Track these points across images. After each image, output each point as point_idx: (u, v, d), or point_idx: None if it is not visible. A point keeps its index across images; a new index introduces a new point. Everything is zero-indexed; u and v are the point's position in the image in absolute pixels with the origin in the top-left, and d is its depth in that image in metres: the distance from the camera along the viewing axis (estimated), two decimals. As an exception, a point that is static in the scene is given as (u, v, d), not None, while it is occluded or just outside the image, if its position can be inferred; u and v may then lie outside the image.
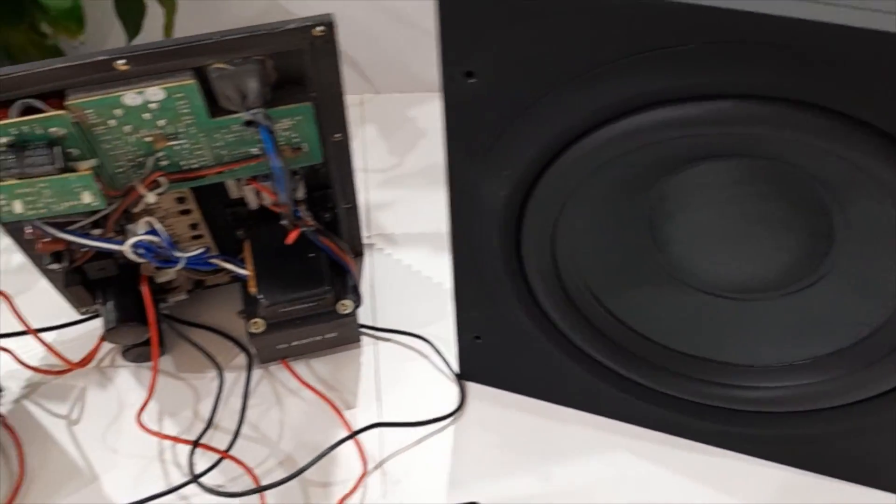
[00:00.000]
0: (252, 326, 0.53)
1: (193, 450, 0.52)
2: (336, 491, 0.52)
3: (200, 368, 0.58)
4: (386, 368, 0.58)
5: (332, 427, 0.55)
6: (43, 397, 0.57)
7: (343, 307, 0.54)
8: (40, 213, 0.44)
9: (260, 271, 0.52)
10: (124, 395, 0.57)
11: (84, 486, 0.53)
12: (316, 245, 0.53)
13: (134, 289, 0.54)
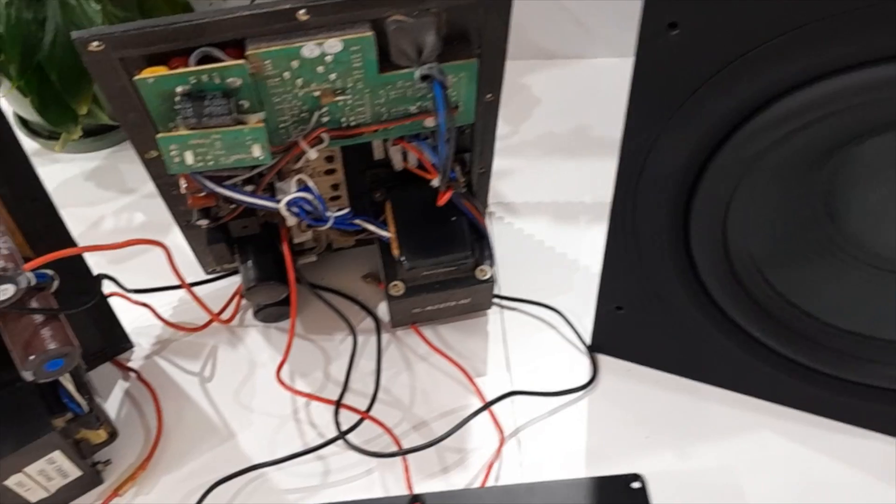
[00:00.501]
0: (392, 289, 0.52)
1: (338, 409, 0.52)
2: (472, 458, 0.51)
3: (329, 331, 0.58)
4: (514, 338, 0.57)
5: (463, 393, 0.54)
6: (174, 354, 0.57)
7: (482, 273, 0.53)
8: (208, 165, 0.44)
9: (402, 233, 0.52)
10: (255, 355, 0.57)
11: (221, 442, 0.53)
12: (458, 208, 0.52)
13: (272, 248, 0.54)
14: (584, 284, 0.60)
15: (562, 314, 0.58)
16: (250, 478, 0.51)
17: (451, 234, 0.52)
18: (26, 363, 0.40)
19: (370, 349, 0.57)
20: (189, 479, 0.51)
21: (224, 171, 0.46)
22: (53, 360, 0.41)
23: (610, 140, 0.71)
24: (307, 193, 0.48)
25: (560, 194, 0.67)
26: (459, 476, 0.50)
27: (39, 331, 0.40)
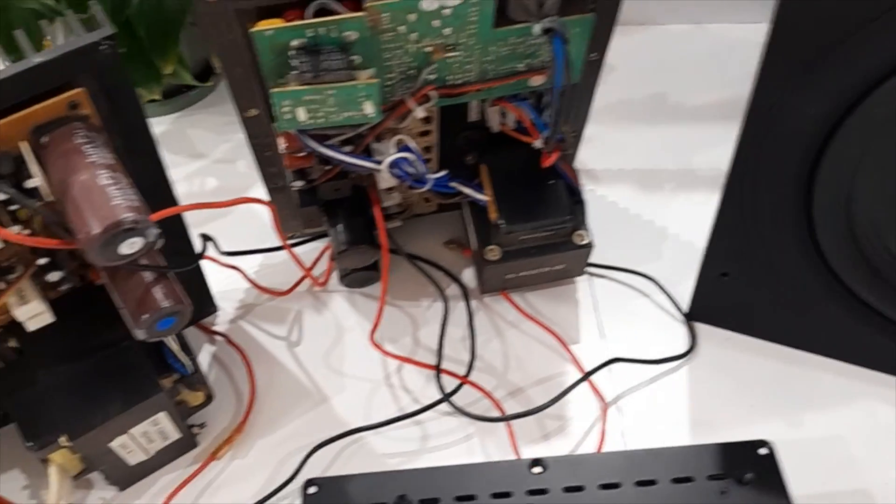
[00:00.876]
0: (488, 253, 0.51)
1: (439, 373, 0.51)
2: (572, 425, 0.51)
3: (414, 297, 0.57)
4: (605, 305, 0.56)
5: (558, 361, 0.54)
6: (259, 319, 0.57)
7: (579, 238, 0.52)
8: (318, 122, 0.43)
9: (499, 197, 0.51)
10: (341, 320, 0.56)
11: (314, 407, 0.52)
12: (555, 171, 0.51)
13: (362, 212, 0.53)
14: (674, 253, 0.59)
15: (656, 282, 0.56)
16: (347, 442, 0.50)
17: (549, 197, 0.51)
18: (140, 322, 0.39)
19: (457, 316, 0.56)
20: (284, 444, 0.50)
21: (329, 129, 0.45)
22: (166, 318, 0.40)
23: (686, 107, 0.69)
24: (410, 154, 0.47)
25: (642, 161, 0.66)
26: (561, 443, 0.50)
27: (151, 289, 0.39)
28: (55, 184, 0.34)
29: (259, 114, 0.46)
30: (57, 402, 0.42)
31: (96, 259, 0.34)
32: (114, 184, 0.34)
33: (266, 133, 0.48)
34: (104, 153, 0.35)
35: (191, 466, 0.50)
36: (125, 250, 0.34)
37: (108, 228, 0.33)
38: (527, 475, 0.40)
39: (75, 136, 0.35)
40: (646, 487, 0.40)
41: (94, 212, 0.33)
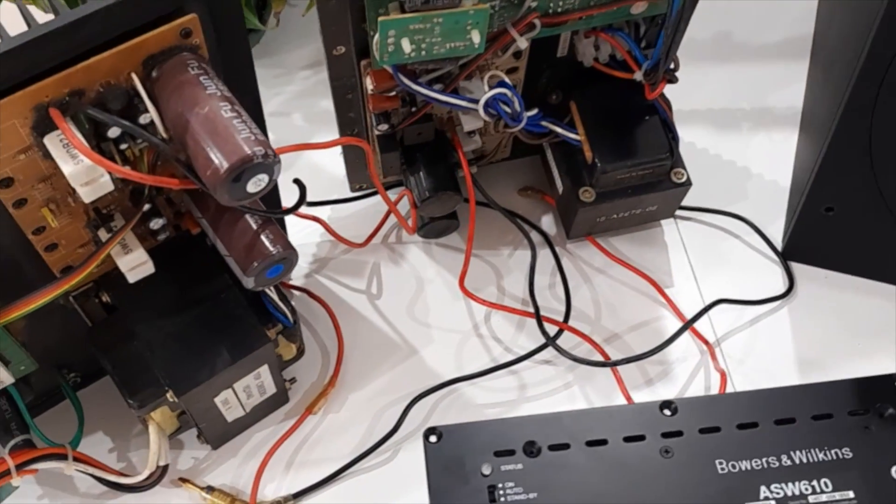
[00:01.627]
0: (583, 195, 0.49)
1: (539, 319, 0.49)
2: (676, 369, 0.49)
3: (493, 245, 0.55)
4: (695, 248, 0.54)
5: (652, 305, 0.52)
6: (335, 272, 0.55)
7: (678, 176, 0.50)
8: (421, 55, 0.40)
9: (593, 136, 0.49)
10: (420, 271, 0.54)
11: (404, 359, 0.50)
12: (652, 107, 0.49)
13: (442, 157, 0.51)
14: (759, 193, 0.57)
15: (749, 222, 0.55)
16: (443, 394, 0.49)
17: (645, 134, 0.49)
18: (250, 269, 0.37)
19: (540, 263, 0.54)
20: (377, 397, 0.49)
21: (428, 64, 0.42)
22: (275, 266, 0.38)
23: (753, 46, 0.67)
24: (507, 90, 0.45)
25: (714, 101, 0.63)
26: (666, 388, 0.48)
27: (260, 235, 0.37)
28: (171, 119, 0.32)
29: (346, 52, 0.44)
30: (159, 357, 0.40)
31: (222, 198, 0.32)
32: (237, 117, 0.32)
33: (350, 73, 0.46)
34: (220, 85, 0.32)
35: (283, 422, 0.48)
36: (252, 188, 0.32)
37: (236, 164, 0.31)
38: (659, 417, 0.39)
39: (189, 66, 0.32)
40: (785, 426, 0.38)
41: (221, 147, 0.31)
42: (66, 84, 0.30)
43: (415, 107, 0.48)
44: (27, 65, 0.29)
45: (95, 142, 0.32)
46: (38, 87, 0.30)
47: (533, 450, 0.38)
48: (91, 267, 0.35)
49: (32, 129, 0.31)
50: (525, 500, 0.37)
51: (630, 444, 0.38)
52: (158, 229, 0.38)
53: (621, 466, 0.38)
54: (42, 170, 0.33)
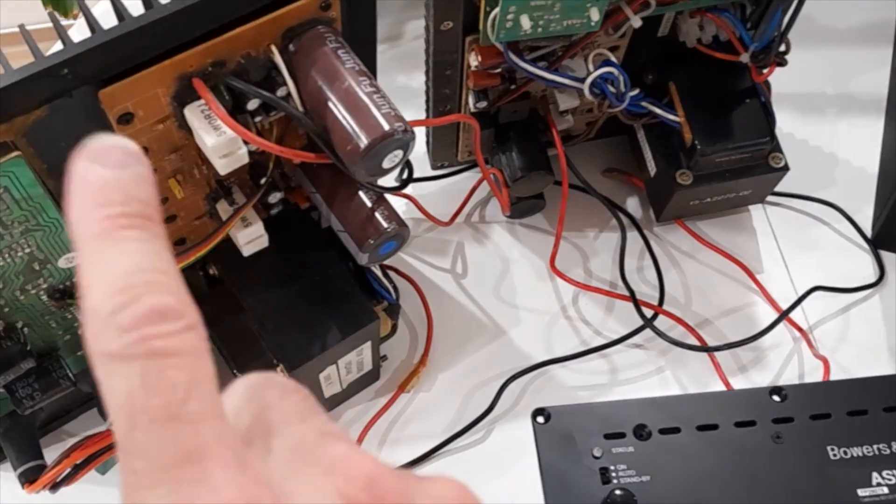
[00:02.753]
0: (681, 178, 0.49)
1: (637, 302, 0.49)
2: (769, 356, 0.49)
3: (579, 226, 0.55)
4: (784, 233, 0.54)
5: (742, 291, 0.51)
6: (418, 250, 0.54)
7: (776, 160, 0.49)
8: (537, 32, 0.40)
9: (692, 117, 0.48)
10: (504, 251, 0.54)
11: (492, 340, 0.50)
12: (753, 89, 0.48)
13: (535, 136, 0.51)
14: (846, 178, 0.56)
15: (839, 208, 0.54)
16: (534, 375, 0.48)
17: (745, 116, 0.48)
18: (365, 245, 0.37)
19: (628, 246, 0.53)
20: (467, 377, 0.49)
21: (540, 41, 0.42)
22: (388, 242, 0.38)
23: (836, 30, 0.65)
24: (615, 69, 0.44)
25: (795, 86, 0.62)
26: (760, 374, 0.48)
27: (375, 211, 0.37)
28: (308, 93, 0.32)
29: (453, 27, 0.44)
30: (269, 332, 0.40)
31: (359, 173, 0.32)
32: (375, 92, 0.31)
33: (453, 48, 0.45)
34: (357, 59, 0.32)
35: (373, 400, 0.48)
36: (387, 164, 0.32)
37: (377, 140, 0.31)
38: (769, 403, 0.39)
39: (326, 40, 0.32)
40: (894, 413, 0.38)
41: (362, 122, 0.31)
42: (210, 54, 0.30)
43: (514, 84, 0.47)
44: (172, 34, 0.29)
45: (231, 114, 0.32)
46: (183, 56, 0.30)
47: (643, 433, 0.38)
48: (219, 238, 0.35)
49: (173, 98, 0.31)
50: (638, 483, 0.37)
51: (741, 430, 0.38)
52: (275, 203, 0.38)
53: (733, 451, 0.38)
54: (175, 140, 0.33)
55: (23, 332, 0.35)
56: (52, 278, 0.34)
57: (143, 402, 0.14)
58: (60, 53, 0.28)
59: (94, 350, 0.14)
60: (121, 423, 0.14)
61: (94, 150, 0.15)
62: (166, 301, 0.15)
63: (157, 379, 0.14)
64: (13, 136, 0.28)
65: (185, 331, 0.15)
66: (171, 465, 0.14)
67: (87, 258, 0.15)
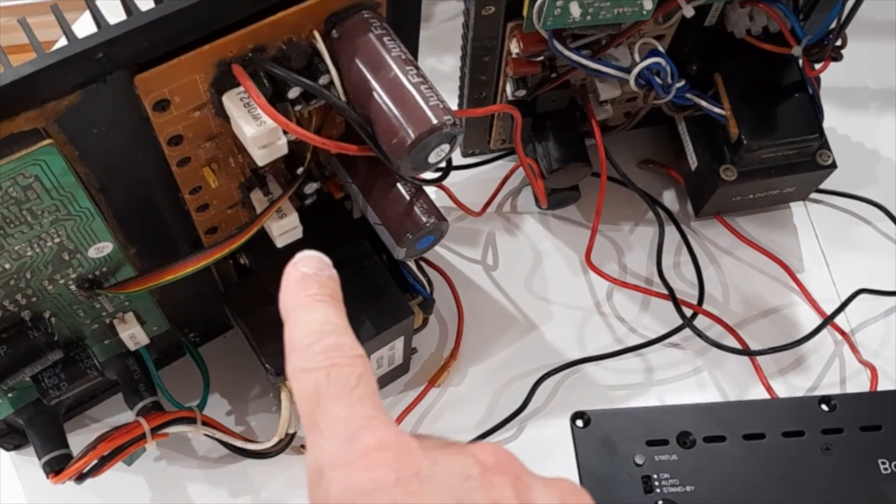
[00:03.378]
0: (725, 173, 0.47)
1: (676, 300, 0.48)
2: (811, 359, 0.47)
3: (614, 219, 0.53)
4: (826, 232, 0.52)
5: (781, 290, 0.50)
6: (449, 241, 0.53)
7: (823, 157, 0.48)
8: (586, 19, 0.38)
9: (738, 110, 0.46)
10: (536, 243, 0.53)
11: (524, 334, 0.49)
12: (802, 83, 0.46)
13: (572, 126, 0.49)
14: (889, 176, 0.54)
15: (883, 207, 0.52)
16: (567, 373, 0.47)
17: (793, 111, 0.47)
18: (403, 240, 0.36)
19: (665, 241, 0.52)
20: (498, 372, 0.47)
21: (589, 28, 0.40)
22: (427, 236, 0.37)
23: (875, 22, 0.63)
24: (662, 59, 0.43)
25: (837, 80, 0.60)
26: (800, 379, 0.46)
27: (414, 205, 0.36)
28: (352, 82, 0.30)
29: (494, 12, 0.42)
30: (300, 325, 0.38)
31: (404, 168, 0.30)
32: (423, 82, 0.30)
33: (493, 34, 0.44)
34: (403, 47, 0.31)
35: (402, 393, 0.47)
36: (433, 158, 0.30)
37: (424, 134, 0.29)
38: (817, 412, 0.37)
39: (371, 26, 0.30)
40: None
41: (410, 115, 0.29)
42: (251, 39, 0.29)
43: (554, 73, 0.45)
44: (212, 18, 0.28)
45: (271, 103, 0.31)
46: (224, 41, 0.28)
47: (687, 441, 0.37)
48: (255, 230, 0.33)
49: (211, 85, 0.29)
50: (682, 493, 0.35)
51: (789, 440, 0.37)
52: (310, 193, 0.37)
53: (780, 462, 0.36)
54: (212, 128, 0.31)
55: (50, 322, 0.34)
56: (81, 268, 0.33)
57: (326, 389, 0.21)
58: (96, 36, 0.26)
59: (295, 368, 0.22)
60: (309, 405, 0.21)
61: (302, 258, 0.24)
62: (343, 340, 0.22)
63: (336, 376, 0.21)
64: (45, 123, 0.27)
65: (355, 357, 0.22)
66: (344, 420, 0.21)
67: (292, 317, 0.23)
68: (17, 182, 0.27)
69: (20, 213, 0.28)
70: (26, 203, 0.28)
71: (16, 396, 0.39)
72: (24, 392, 0.38)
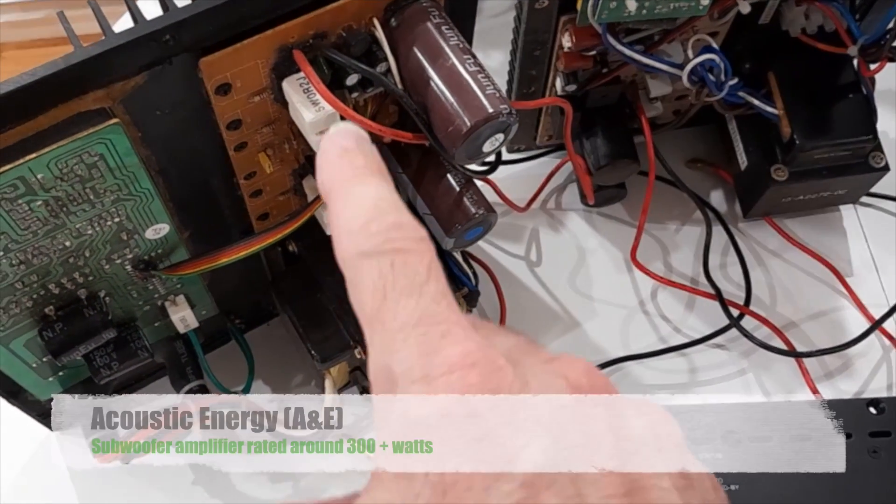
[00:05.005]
0: (776, 173, 0.47)
1: (723, 300, 0.47)
2: (858, 363, 0.47)
3: (660, 218, 0.53)
4: (876, 236, 0.51)
5: (830, 294, 0.49)
6: (494, 236, 0.53)
7: (876, 159, 0.47)
8: (641, 14, 0.38)
9: (792, 110, 0.46)
10: (581, 240, 0.52)
11: (567, 331, 0.49)
12: (856, 84, 0.46)
13: (620, 123, 0.49)
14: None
15: (940, 212, 0.51)
16: (610, 371, 0.47)
17: (847, 112, 0.46)
18: (452, 231, 0.36)
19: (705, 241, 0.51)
20: (540, 368, 0.47)
21: (644, 23, 0.40)
22: (475, 227, 0.37)
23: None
24: (716, 56, 0.42)
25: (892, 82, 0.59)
26: (847, 383, 0.46)
27: (464, 196, 0.36)
28: (409, 70, 0.31)
29: (548, 5, 0.42)
30: (347, 312, 0.38)
31: (459, 156, 0.30)
32: (480, 71, 0.30)
33: (546, 28, 0.44)
34: (461, 36, 0.31)
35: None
36: (488, 147, 0.31)
37: (480, 122, 0.29)
38: (866, 415, 0.37)
39: (430, 15, 0.31)
40: None
41: (467, 103, 0.29)
42: (313, 25, 0.29)
43: (606, 68, 0.45)
44: (277, 3, 0.28)
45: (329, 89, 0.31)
46: (286, 26, 0.28)
47: (732, 440, 0.37)
48: (307, 216, 0.34)
49: (272, 70, 0.30)
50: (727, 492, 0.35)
51: (837, 443, 0.36)
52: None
53: (828, 465, 0.36)
54: (269, 114, 0.32)
55: (105, 302, 0.35)
56: (137, 249, 0.33)
57: (393, 281, 0.18)
58: (164, 18, 0.27)
59: (348, 252, 0.19)
60: (373, 299, 0.18)
61: (340, 130, 0.21)
62: (404, 218, 0.19)
63: (403, 265, 0.18)
64: (111, 103, 0.28)
65: (420, 240, 0.19)
66: (418, 323, 0.18)
67: (338, 194, 0.20)
68: (82, 160, 0.27)
69: (84, 190, 0.29)
70: (90, 181, 0.29)
71: (66, 375, 0.40)
72: (75, 371, 0.39)
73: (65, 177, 0.28)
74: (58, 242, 0.30)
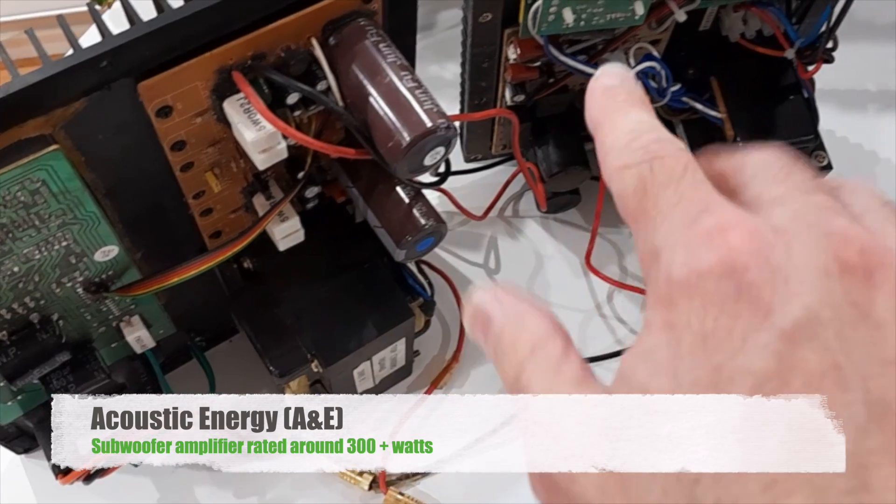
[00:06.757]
0: (722, 175, 0.48)
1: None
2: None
3: (612, 222, 0.54)
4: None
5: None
6: (450, 244, 0.54)
7: (819, 159, 0.48)
8: (579, 25, 0.39)
9: (734, 113, 0.47)
10: (538, 247, 0.53)
11: (526, 336, 0.49)
12: (797, 86, 0.47)
13: (572, 131, 0.50)
14: (890, 176, 0.55)
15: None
16: (568, 374, 0.48)
17: (788, 113, 0.47)
18: (403, 242, 0.37)
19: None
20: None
21: (581, 35, 0.41)
22: (426, 239, 0.37)
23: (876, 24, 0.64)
24: (656, 64, 0.43)
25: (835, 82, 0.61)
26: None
27: (413, 208, 0.37)
28: (349, 87, 0.31)
29: (492, 19, 0.43)
30: (305, 326, 0.39)
31: (400, 170, 0.31)
32: (417, 87, 0.31)
33: (492, 41, 0.45)
34: (398, 53, 0.31)
35: (405, 395, 0.47)
36: (429, 161, 0.31)
37: (419, 137, 0.30)
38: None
39: (368, 33, 0.31)
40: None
41: (405, 118, 0.30)
42: (252, 46, 0.30)
43: (552, 78, 0.46)
44: (214, 26, 0.29)
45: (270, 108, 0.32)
46: (224, 49, 0.29)
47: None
48: (256, 233, 0.34)
49: (212, 91, 0.30)
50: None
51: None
52: (312, 197, 0.37)
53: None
54: (213, 134, 0.32)
55: (58, 325, 0.35)
56: (88, 271, 0.34)
57: (652, 180, 0.20)
58: (101, 45, 0.27)
59: (613, 167, 0.21)
60: (635, 198, 0.20)
61: (604, 72, 0.23)
62: (663, 135, 0.21)
63: (661, 167, 0.20)
64: (52, 129, 0.28)
65: (679, 150, 0.20)
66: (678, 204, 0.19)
67: (604, 125, 0.22)
68: (24, 186, 0.28)
69: (28, 216, 0.29)
70: (34, 207, 0.29)
71: (25, 399, 0.40)
72: (34, 395, 0.39)
73: (8, 203, 0.28)
74: (6, 268, 0.31)
